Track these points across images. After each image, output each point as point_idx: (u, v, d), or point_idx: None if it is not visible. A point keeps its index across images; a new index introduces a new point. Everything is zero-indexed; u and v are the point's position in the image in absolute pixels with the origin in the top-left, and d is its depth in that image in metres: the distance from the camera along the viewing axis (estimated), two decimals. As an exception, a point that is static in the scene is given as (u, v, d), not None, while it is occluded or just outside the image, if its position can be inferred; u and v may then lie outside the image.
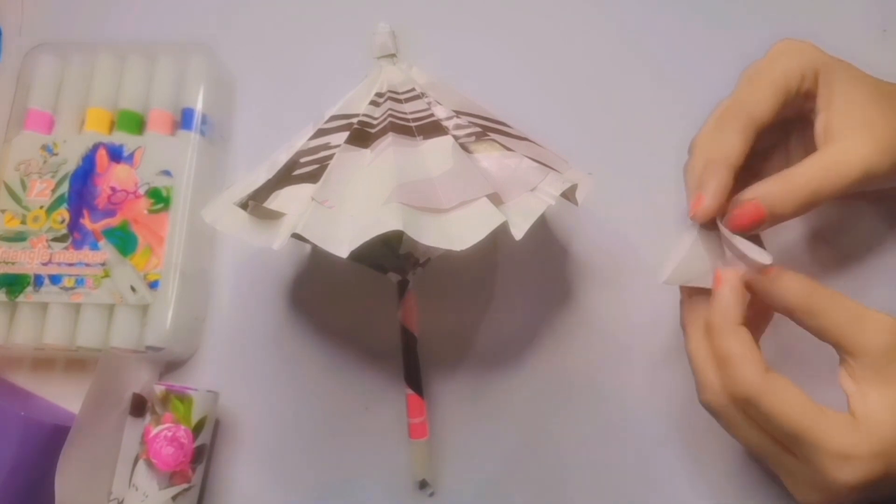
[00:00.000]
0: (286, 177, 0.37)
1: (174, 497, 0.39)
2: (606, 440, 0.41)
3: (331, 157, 0.36)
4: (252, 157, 0.47)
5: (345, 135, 0.37)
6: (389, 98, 0.38)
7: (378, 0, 0.50)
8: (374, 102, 0.38)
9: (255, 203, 0.35)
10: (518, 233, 0.33)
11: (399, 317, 0.41)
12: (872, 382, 0.30)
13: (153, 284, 0.43)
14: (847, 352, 0.30)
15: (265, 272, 0.46)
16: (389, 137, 0.36)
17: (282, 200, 0.36)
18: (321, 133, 0.38)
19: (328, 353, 0.44)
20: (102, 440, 0.40)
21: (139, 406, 0.41)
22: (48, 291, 0.43)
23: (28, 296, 0.43)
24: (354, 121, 0.38)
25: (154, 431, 0.39)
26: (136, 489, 0.39)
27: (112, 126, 0.47)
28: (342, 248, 0.33)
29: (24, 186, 0.45)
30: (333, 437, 0.43)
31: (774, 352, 0.33)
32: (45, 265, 0.43)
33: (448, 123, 0.38)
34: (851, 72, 0.35)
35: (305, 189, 0.36)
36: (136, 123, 0.46)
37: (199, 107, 0.46)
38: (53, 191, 0.45)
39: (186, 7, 0.52)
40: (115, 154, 0.45)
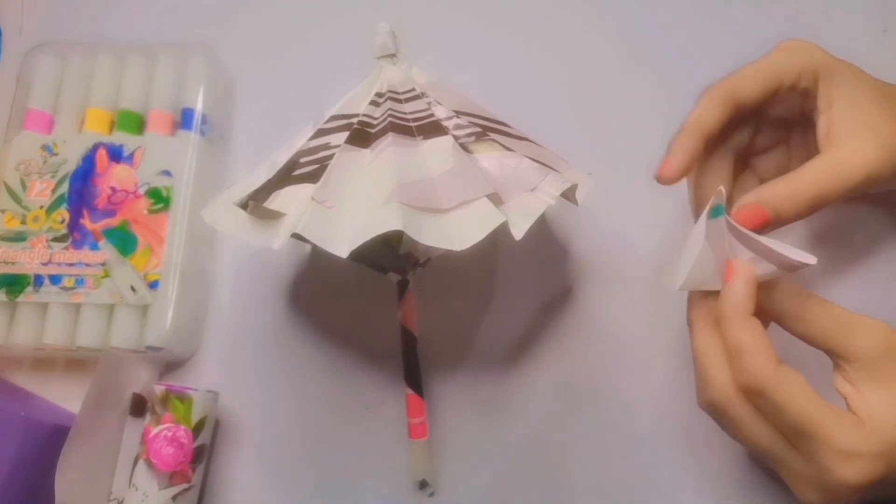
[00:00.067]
0: (286, 177, 0.37)
1: (174, 497, 0.39)
2: (606, 440, 0.41)
3: (331, 157, 0.36)
4: (252, 157, 0.47)
5: (345, 135, 0.37)
6: (389, 98, 0.38)
7: (378, 0, 0.50)
8: (374, 102, 0.38)
9: (255, 203, 0.35)
10: (518, 233, 0.33)
11: (399, 317, 0.41)
12: (869, 384, 0.30)
13: (153, 284, 0.43)
14: (840, 357, 0.30)
15: (265, 272, 0.46)
16: (389, 137, 0.36)
17: (282, 200, 0.36)
18: (321, 133, 0.38)
19: (328, 353, 0.44)
20: (102, 440, 0.40)
21: (139, 406, 0.41)
22: (48, 291, 0.43)
23: (28, 296, 0.43)
24: (354, 121, 0.38)
25: (154, 431, 0.39)
26: (136, 489, 0.39)
27: (112, 126, 0.47)
28: (342, 248, 0.33)
29: (24, 186, 0.45)
30: (333, 437, 0.43)
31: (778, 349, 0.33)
32: (45, 265, 0.43)
33: (448, 123, 0.38)
34: (854, 73, 0.35)
35: (305, 189, 0.36)
36: (136, 123, 0.46)
37: (199, 107, 0.46)
38: (53, 191, 0.45)
39: (186, 7, 0.52)
40: (115, 154, 0.45)
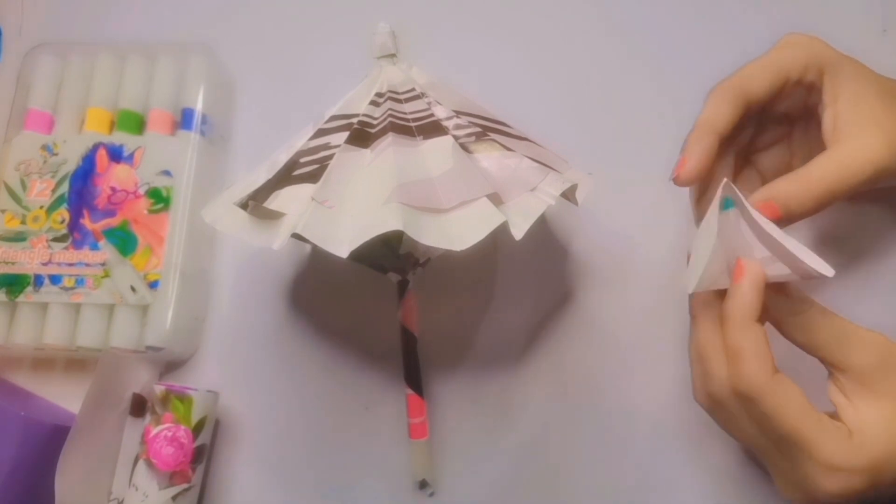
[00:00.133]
0: (286, 177, 0.37)
1: (174, 497, 0.39)
2: (606, 439, 0.41)
3: (331, 157, 0.36)
4: (252, 157, 0.47)
5: (345, 135, 0.37)
6: (389, 98, 0.38)
7: (378, 0, 0.50)
8: (374, 102, 0.38)
9: (255, 203, 0.35)
10: (518, 233, 0.33)
11: (399, 317, 0.41)
12: (862, 397, 0.30)
13: (153, 284, 0.43)
14: (835, 368, 0.30)
15: (265, 272, 0.46)
16: (389, 137, 0.36)
17: (282, 200, 0.36)
18: (321, 133, 0.38)
19: (328, 353, 0.44)
20: (102, 440, 0.40)
21: (139, 406, 0.41)
22: (48, 291, 0.43)
23: (28, 296, 0.43)
24: (354, 121, 0.38)
25: (154, 431, 0.39)
26: (136, 489, 0.39)
27: (112, 126, 0.47)
28: (342, 248, 0.33)
29: (24, 186, 0.45)
30: (333, 437, 0.43)
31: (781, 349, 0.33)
32: (45, 265, 0.43)
33: (448, 123, 0.38)
34: (858, 68, 0.35)
35: (305, 189, 0.36)
36: (136, 123, 0.46)
37: (199, 107, 0.46)
38: (53, 191, 0.45)
39: (186, 7, 0.52)
40: (115, 154, 0.45)
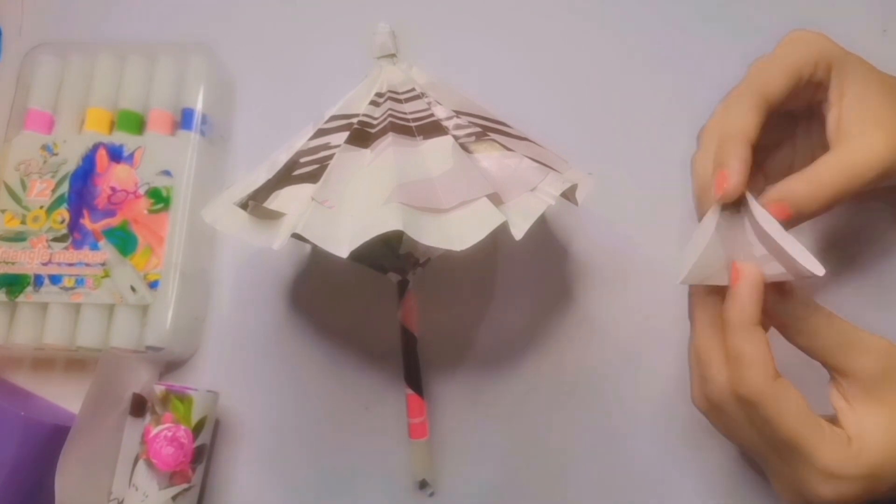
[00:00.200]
0: (286, 177, 0.37)
1: (174, 497, 0.39)
2: (606, 440, 0.41)
3: (331, 157, 0.36)
4: (252, 157, 0.47)
5: (345, 135, 0.37)
6: (389, 98, 0.38)
7: (378, 0, 0.50)
8: (374, 102, 0.38)
9: (255, 203, 0.35)
10: (518, 233, 0.33)
11: (399, 317, 0.41)
12: (863, 403, 0.30)
13: (153, 284, 0.43)
14: (837, 372, 0.30)
15: (265, 272, 0.46)
16: (389, 137, 0.36)
17: (282, 200, 0.36)
18: (321, 133, 0.38)
19: (328, 353, 0.44)
20: (102, 440, 0.40)
21: (139, 406, 0.41)
22: (48, 291, 0.43)
23: (28, 296, 0.43)
24: (354, 121, 0.38)
25: (154, 431, 0.39)
26: (136, 489, 0.39)
27: (112, 126, 0.47)
28: (342, 248, 0.33)
29: (24, 186, 0.45)
30: (333, 437, 0.43)
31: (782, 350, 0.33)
32: (45, 265, 0.43)
33: (448, 123, 0.38)
34: (863, 66, 0.35)
35: (305, 189, 0.36)
36: (136, 123, 0.46)
37: (199, 107, 0.46)
38: (53, 191, 0.45)
39: (186, 7, 0.52)
40: (115, 154, 0.45)
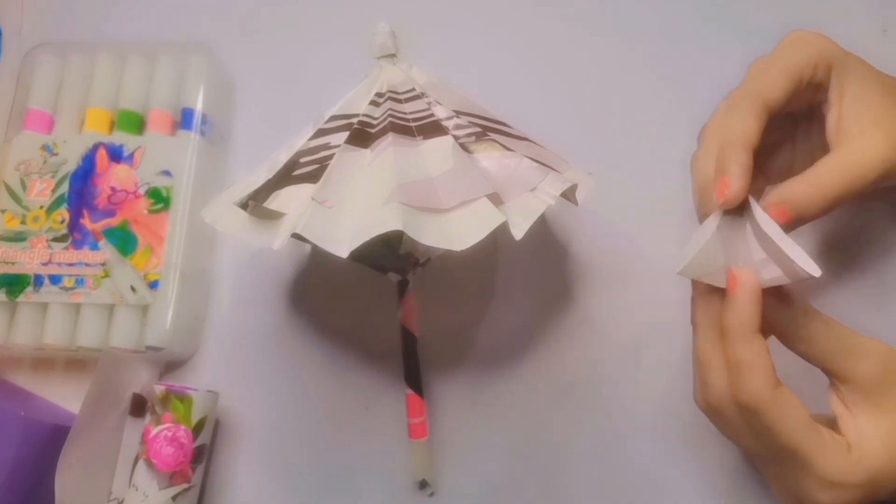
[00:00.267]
0: (286, 177, 0.37)
1: (174, 497, 0.39)
2: (606, 440, 0.41)
3: (331, 157, 0.36)
4: (252, 157, 0.47)
5: (345, 135, 0.37)
6: (389, 98, 0.38)
7: (378, 0, 0.50)
8: (374, 102, 0.38)
9: (255, 203, 0.35)
10: (518, 233, 0.33)
11: (399, 317, 0.41)
12: (863, 409, 0.30)
13: (153, 284, 0.43)
14: (837, 378, 0.30)
15: (265, 272, 0.46)
16: (389, 137, 0.36)
17: (282, 200, 0.36)
18: (321, 133, 0.38)
19: (328, 353, 0.44)
20: (102, 440, 0.40)
21: (139, 406, 0.41)
22: (48, 291, 0.43)
23: (28, 296, 0.43)
24: (354, 121, 0.38)
25: (154, 431, 0.39)
26: (136, 489, 0.39)
27: (112, 126, 0.47)
28: (342, 248, 0.33)
29: (24, 186, 0.45)
30: (333, 438, 0.43)
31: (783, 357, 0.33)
32: (45, 265, 0.43)
33: (448, 123, 0.38)
34: (863, 67, 0.35)
35: (305, 189, 0.36)
36: (136, 123, 0.46)
37: (199, 107, 0.46)
38: (53, 191, 0.45)
39: (186, 7, 0.52)
40: (115, 154, 0.45)
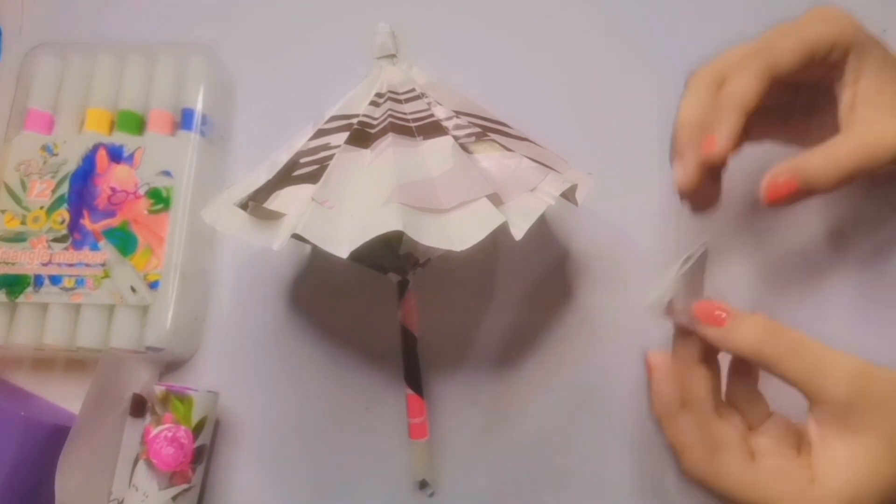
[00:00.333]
0: (286, 177, 0.37)
1: (174, 497, 0.39)
2: (606, 440, 0.41)
3: (331, 158, 0.36)
4: (252, 157, 0.47)
5: (345, 135, 0.37)
6: (389, 98, 0.38)
7: (378, 0, 0.50)
8: (374, 103, 0.38)
9: (255, 203, 0.35)
10: (518, 233, 0.33)
11: (399, 317, 0.41)
12: (835, 431, 0.29)
13: (153, 285, 0.43)
14: (811, 399, 0.29)
15: (265, 272, 0.46)
16: (389, 138, 0.36)
17: (282, 201, 0.36)
18: (321, 133, 0.38)
19: (328, 353, 0.44)
20: (102, 440, 0.40)
21: (139, 406, 0.41)
22: (48, 292, 0.43)
23: (28, 296, 0.43)
24: (354, 121, 0.38)
25: (154, 432, 0.39)
26: (136, 489, 0.39)
27: (112, 126, 0.47)
28: (342, 249, 0.33)
29: (24, 187, 0.45)
30: (333, 437, 0.43)
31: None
32: (45, 265, 0.43)
33: (448, 123, 0.38)
34: (883, 51, 0.34)
35: (305, 189, 0.36)
36: (136, 124, 0.46)
37: (199, 107, 0.46)
38: (53, 191, 0.45)
39: (186, 7, 0.52)
40: (115, 154, 0.45)
